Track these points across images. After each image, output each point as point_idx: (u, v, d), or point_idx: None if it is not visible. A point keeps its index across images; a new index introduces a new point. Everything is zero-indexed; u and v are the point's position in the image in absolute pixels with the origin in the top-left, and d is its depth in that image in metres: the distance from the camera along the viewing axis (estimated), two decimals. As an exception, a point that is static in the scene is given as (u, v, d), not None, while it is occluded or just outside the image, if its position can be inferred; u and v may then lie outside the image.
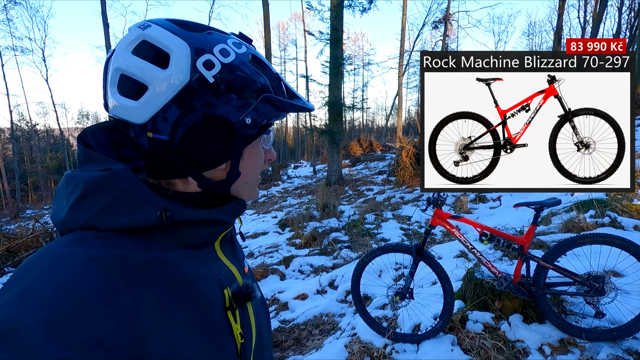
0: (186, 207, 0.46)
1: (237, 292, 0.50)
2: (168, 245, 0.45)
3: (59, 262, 0.36)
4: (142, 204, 0.43)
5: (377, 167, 12.23)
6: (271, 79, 0.51)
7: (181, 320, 0.41)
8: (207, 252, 0.51)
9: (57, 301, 0.33)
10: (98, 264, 0.37)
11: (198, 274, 0.46)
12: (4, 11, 21.21)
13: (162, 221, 0.43)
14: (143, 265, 0.41)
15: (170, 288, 0.42)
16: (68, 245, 0.39)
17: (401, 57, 16.21)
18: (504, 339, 2.11)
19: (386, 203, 7.22)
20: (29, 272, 0.36)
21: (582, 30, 23.18)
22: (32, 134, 34.11)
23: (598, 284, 2.01)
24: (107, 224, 0.42)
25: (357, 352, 2.33)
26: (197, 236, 0.48)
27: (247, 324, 0.52)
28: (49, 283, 0.34)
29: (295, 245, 5.26)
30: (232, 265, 0.54)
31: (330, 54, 9.72)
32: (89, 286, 0.35)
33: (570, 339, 2.07)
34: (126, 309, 0.37)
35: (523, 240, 2.12)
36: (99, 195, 0.42)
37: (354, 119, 39.17)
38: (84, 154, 0.47)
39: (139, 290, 0.39)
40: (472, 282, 2.44)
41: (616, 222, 3.63)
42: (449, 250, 3.84)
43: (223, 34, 0.50)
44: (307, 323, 2.98)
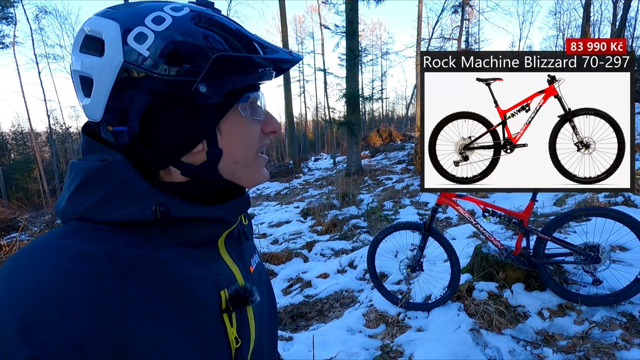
0: (185, 203, 0.44)
1: (234, 294, 0.47)
2: (164, 242, 0.43)
3: (46, 256, 0.35)
4: (138, 198, 0.41)
5: (396, 157, 12.34)
6: (230, 36, 0.44)
7: (171, 322, 0.40)
8: (208, 250, 0.49)
9: (36, 299, 0.32)
10: (86, 259, 0.36)
11: (193, 274, 0.44)
12: (35, 21, 22.56)
13: (157, 217, 0.41)
14: (133, 263, 0.39)
15: (162, 289, 0.40)
16: (60, 237, 0.38)
17: (418, 46, 16.08)
18: (506, 304, 2.32)
19: (405, 191, 7.40)
20: (17, 264, 0.35)
21: (614, 5, 21.95)
22: (66, 137, 36.12)
23: (594, 252, 2.19)
24: (102, 216, 0.40)
25: (374, 319, 2.60)
26: (196, 234, 0.46)
27: (245, 327, 0.50)
28: (32, 279, 0.33)
29: (317, 232, 5.57)
30: (234, 265, 0.51)
31: (347, 46, 9.87)
32: (73, 284, 0.34)
33: (569, 304, 2.26)
34: (111, 309, 0.35)
35: (523, 215, 2.31)
36: (95, 186, 0.41)
37: (373, 110, 38.98)
38: (86, 143, 0.46)
39: (127, 290, 0.37)
40: (479, 256, 2.65)
41: (630, 200, 3.70)
42: (462, 232, 4.04)
43: (160, 2, 0.45)
44: (329, 298, 3.28)
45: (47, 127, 24.38)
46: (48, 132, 25.96)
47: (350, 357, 2.21)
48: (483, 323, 2.23)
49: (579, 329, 2.07)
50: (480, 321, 2.25)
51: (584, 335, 2.03)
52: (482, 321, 2.25)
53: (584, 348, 1.93)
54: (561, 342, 2.02)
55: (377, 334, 2.43)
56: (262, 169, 0.52)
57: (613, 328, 2.03)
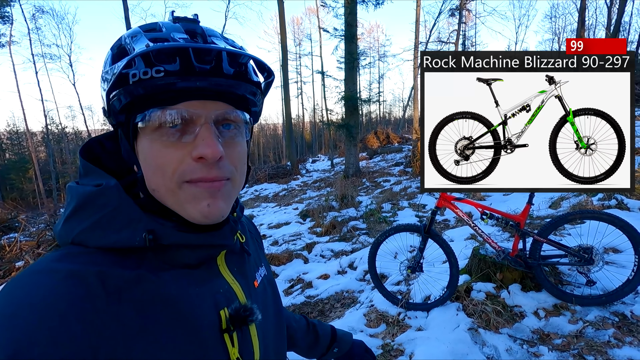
0: (175, 230, 0.43)
1: (234, 314, 0.46)
2: (159, 265, 0.43)
3: (39, 279, 0.36)
4: (129, 224, 0.41)
5: (394, 159, 12.43)
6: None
7: (167, 342, 0.39)
8: (207, 269, 0.47)
9: (26, 323, 0.32)
10: (78, 280, 0.36)
11: (189, 294, 0.43)
12: (32, 20, 22.50)
13: (146, 244, 0.41)
14: (127, 284, 0.39)
15: (156, 308, 0.40)
16: (53, 260, 0.38)
17: (416, 49, 16.22)
18: (503, 304, 2.39)
19: (402, 193, 7.48)
20: (12, 289, 0.35)
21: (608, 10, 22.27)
22: (62, 137, 35.95)
23: (588, 254, 2.26)
24: (94, 241, 0.41)
25: (374, 319, 2.67)
26: (192, 257, 0.46)
27: (247, 346, 0.48)
28: (24, 304, 0.34)
29: (316, 234, 5.63)
30: (235, 282, 0.50)
31: (345, 49, 9.95)
32: (64, 305, 0.34)
33: (563, 304, 2.34)
34: (104, 330, 0.35)
35: (519, 218, 2.39)
36: (88, 211, 0.42)
37: (370, 112, 39.12)
38: (83, 167, 0.46)
39: (119, 310, 0.37)
40: (477, 257, 2.72)
41: (622, 203, 3.79)
42: (460, 234, 4.12)
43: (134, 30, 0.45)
44: (330, 298, 3.34)
45: (44, 127, 24.27)
46: (44, 132, 25.83)
47: (352, 355, 2.27)
48: (481, 322, 2.30)
49: (573, 328, 2.15)
50: (478, 321, 2.32)
51: (578, 334, 2.10)
52: (480, 321, 2.32)
53: (578, 346, 2.01)
54: (556, 341, 2.09)
55: (378, 333, 2.50)
56: (198, 204, 0.43)
57: (606, 327, 2.11)
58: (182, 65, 0.41)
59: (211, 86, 0.43)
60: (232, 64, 0.44)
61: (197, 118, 0.42)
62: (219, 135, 0.43)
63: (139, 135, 0.43)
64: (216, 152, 0.41)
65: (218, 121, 0.44)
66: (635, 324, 2.10)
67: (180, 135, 0.42)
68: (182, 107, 0.42)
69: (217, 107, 0.44)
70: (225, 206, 0.45)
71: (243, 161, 0.48)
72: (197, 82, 0.42)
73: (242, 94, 0.47)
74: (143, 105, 0.42)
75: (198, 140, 0.42)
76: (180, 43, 0.41)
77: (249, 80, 0.47)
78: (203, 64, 0.42)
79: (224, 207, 0.45)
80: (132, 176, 0.46)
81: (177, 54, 0.40)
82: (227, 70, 0.43)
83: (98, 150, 0.49)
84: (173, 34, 0.43)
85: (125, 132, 0.45)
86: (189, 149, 0.42)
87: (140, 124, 0.42)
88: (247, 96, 0.48)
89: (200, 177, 0.42)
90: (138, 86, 0.41)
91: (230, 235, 0.48)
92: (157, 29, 0.44)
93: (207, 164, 0.42)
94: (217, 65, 0.43)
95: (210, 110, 0.43)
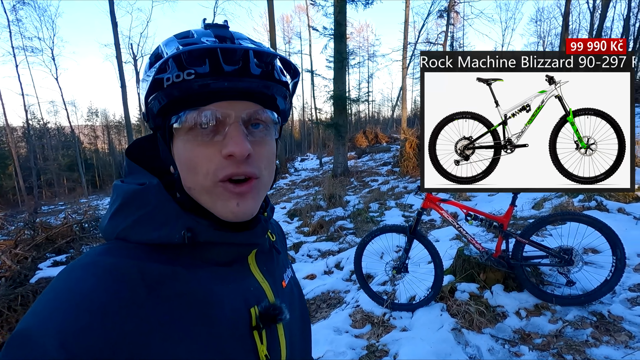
0: (211, 229, 0.45)
1: (264, 312, 0.48)
2: (194, 262, 0.45)
3: (84, 272, 0.38)
4: (168, 221, 0.44)
5: (382, 159, 12.49)
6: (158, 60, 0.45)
7: (199, 337, 0.41)
8: (239, 267, 0.50)
9: (72, 311, 0.35)
10: (119, 273, 0.39)
11: (222, 291, 0.45)
12: (13, 12, 21.76)
13: (184, 241, 0.43)
14: (164, 278, 0.41)
15: (191, 303, 0.42)
16: (97, 254, 0.41)
17: (404, 50, 16.34)
18: (486, 304, 2.43)
19: (390, 193, 7.52)
20: (58, 281, 0.38)
21: (591, 15, 22.90)
22: (44, 132, 35.00)
23: (568, 255, 2.31)
24: (136, 237, 0.43)
25: (360, 319, 2.67)
26: (224, 255, 0.48)
27: (275, 345, 0.50)
28: (71, 292, 0.36)
29: (303, 233, 5.61)
30: (264, 281, 0.52)
31: (335, 48, 9.94)
32: (106, 295, 0.37)
33: (544, 304, 2.38)
34: (142, 319, 0.37)
35: (503, 219, 2.42)
36: (132, 208, 0.44)
37: (359, 111, 39.30)
38: (128, 166, 0.50)
39: (157, 302, 0.39)
40: (461, 258, 2.75)
41: (602, 205, 3.89)
42: (445, 234, 4.17)
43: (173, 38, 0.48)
44: (316, 299, 3.33)
45: (24, 122, 23.56)
46: (25, 127, 25.08)
47: (337, 356, 2.26)
48: (464, 323, 2.33)
49: (553, 327, 2.19)
50: (461, 321, 2.35)
51: (557, 333, 2.14)
52: (463, 321, 2.35)
53: (557, 346, 2.05)
54: (537, 340, 2.13)
55: (363, 333, 2.50)
56: (232, 202, 0.45)
57: (584, 327, 2.16)
58: (211, 67, 0.43)
59: (240, 86, 0.45)
60: (259, 64, 0.45)
61: (227, 118, 0.44)
62: (247, 134, 0.45)
63: (175, 137, 0.46)
64: (244, 149, 0.43)
65: (247, 121, 0.46)
66: (612, 324, 2.15)
67: (212, 135, 0.44)
68: (213, 107, 0.44)
69: (246, 107, 0.45)
70: (255, 204, 0.47)
71: (272, 160, 0.49)
72: (225, 82, 0.44)
73: (271, 93, 0.48)
74: (178, 107, 0.44)
75: (227, 138, 0.44)
76: (206, 44, 0.43)
77: (277, 80, 0.48)
78: (231, 64, 0.43)
79: (252, 205, 0.47)
80: (172, 176, 0.48)
81: (206, 56, 0.43)
82: (255, 70, 0.45)
83: (141, 151, 0.52)
84: (203, 39, 0.45)
85: (162, 135, 0.47)
86: (219, 148, 0.44)
87: (176, 125, 0.45)
88: (275, 96, 0.49)
89: (231, 172, 0.44)
90: (172, 89, 0.43)
91: (262, 234, 0.50)
92: (189, 36, 0.46)
93: (236, 161, 0.44)
94: (245, 66, 0.44)
95: (239, 110, 0.45)
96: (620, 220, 3.56)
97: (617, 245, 2.23)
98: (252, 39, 0.49)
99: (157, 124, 0.47)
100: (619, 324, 2.14)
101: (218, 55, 0.43)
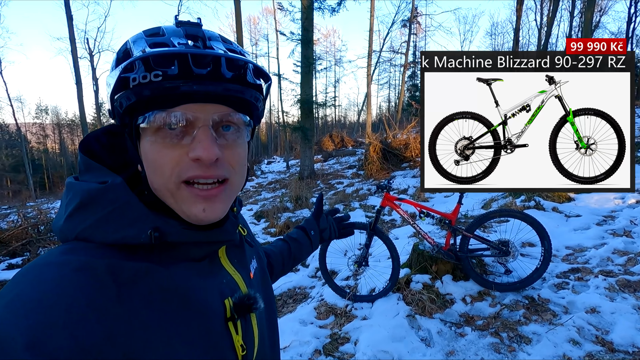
0: (180, 228, 0.44)
1: (238, 302, 0.48)
2: (165, 259, 0.44)
3: (49, 271, 0.36)
4: (135, 221, 0.42)
5: (348, 162, 12.83)
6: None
7: (178, 331, 0.41)
8: (210, 261, 0.50)
9: (41, 310, 0.33)
10: (89, 271, 0.37)
11: (197, 285, 0.45)
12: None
13: (151, 241, 0.42)
14: (137, 276, 0.40)
15: (167, 298, 0.41)
16: (60, 254, 0.39)
17: (369, 57, 16.89)
18: (437, 293, 2.70)
19: (354, 195, 7.80)
20: (20, 281, 0.36)
21: (539, 31, 24.97)
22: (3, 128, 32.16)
23: (505, 247, 2.63)
24: (100, 237, 0.41)
25: (324, 312, 2.85)
26: (196, 252, 0.47)
27: (249, 335, 0.51)
28: (36, 291, 0.34)
29: (270, 234, 5.71)
30: (236, 273, 0.52)
31: (302, 53, 10.12)
32: (77, 294, 0.35)
33: (486, 290, 2.69)
34: (117, 317, 0.36)
35: (451, 216, 2.71)
36: (93, 208, 0.42)
37: (326, 115, 39.81)
38: (84, 163, 0.47)
39: (131, 299, 0.38)
40: (417, 252, 3.02)
41: (539, 205, 4.37)
42: (405, 232, 4.47)
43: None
44: (283, 294, 3.47)
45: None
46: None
47: (302, 345, 2.42)
48: (418, 309, 2.58)
49: (492, 310, 2.49)
50: (415, 308, 2.60)
51: (496, 315, 2.44)
52: (417, 308, 2.60)
53: (495, 326, 2.34)
54: (478, 322, 2.42)
55: (327, 324, 2.68)
56: (197, 207, 0.44)
57: (518, 309, 2.48)
58: (180, 69, 0.41)
59: (210, 89, 0.43)
60: (230, 67, 0.44)
61: (196, 120, 0.43)
62: (217, 138, 0.44)
63: (141, 136, 0.44)
64: (212, 154, 0.42)
65: (218, 122, 0.45)
66: (541, 305, 2.49)
67: (180, 137, 0.43)
68: (181, 109, 0.43)
69: (216, 109, 0.44)
70: (224, 207, 0.46)
71: (242, 162, 0.48)
72: (194, 86, 0.42)
73: (243, 96, 0.47)
74: (145, 107, 0.43)
75: (195, 142, 0.43)
76: (174, 49, 0.42)
77: (249, 83, 0.47)
78: (201, 67, 0.42)
79: (221, 208, 0.46)
80: (130, 172, 0.48)
81: (175, 58, 0.41)
82: (227, 73, 0.44)
83: (96, 147, 0.49)
84: (172, 39, 0.44)
85: (129, 133, 0.46)
86: (186, 150, 0.43)
87: (143, 125, 0.43)
88: (247, 99, 0.47)
89: (197, 174, 0.43)
90: (140, 88, 0.42)
91: (233, 230, 0.50)
92: (159, 34, 0.45)
93: (204, 164, 0.43)
94: (216, 69, 0.43)
95: (210, 113, 0.44)
96: (553, 218, 4.03)
97: (545, 238, 2.58)
98: (225, 37, 0.48)
99: (123, 122, 0.45)
100: (546, 305, 2.48)
101: (188, 59, 0.41)
